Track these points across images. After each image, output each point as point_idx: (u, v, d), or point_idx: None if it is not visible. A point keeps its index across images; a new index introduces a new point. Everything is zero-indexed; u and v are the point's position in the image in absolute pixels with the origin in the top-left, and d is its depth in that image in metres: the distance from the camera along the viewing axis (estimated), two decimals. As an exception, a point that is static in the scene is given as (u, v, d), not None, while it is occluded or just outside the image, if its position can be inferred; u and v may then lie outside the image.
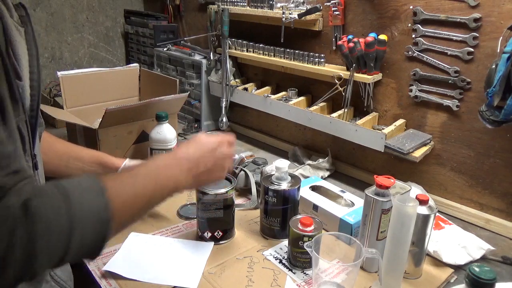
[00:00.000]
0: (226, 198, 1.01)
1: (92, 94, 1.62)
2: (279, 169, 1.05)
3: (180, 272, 0.93)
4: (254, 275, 0.95)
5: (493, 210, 1.18)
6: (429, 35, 1.19)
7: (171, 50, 2.01)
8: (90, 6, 2.29)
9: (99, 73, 1.65)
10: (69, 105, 1.56)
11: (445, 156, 1.25)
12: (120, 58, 2.50)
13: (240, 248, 1.04)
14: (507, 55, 0.97)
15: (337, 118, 1.38)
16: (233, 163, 1.36)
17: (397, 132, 1.29)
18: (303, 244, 0.92)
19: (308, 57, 1.46)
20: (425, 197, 0.91)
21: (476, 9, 1.08)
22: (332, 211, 1.10)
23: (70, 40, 2.26)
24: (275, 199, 1.04)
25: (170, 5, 2.20)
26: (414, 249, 0.93)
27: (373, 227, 0.93)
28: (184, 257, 0.99)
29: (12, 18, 0.67)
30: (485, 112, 1.04)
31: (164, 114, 1.31)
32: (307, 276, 0.95)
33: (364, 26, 1.34)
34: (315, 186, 1.23)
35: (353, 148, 1.47)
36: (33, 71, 0.68)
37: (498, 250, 1.06)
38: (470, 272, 0.68)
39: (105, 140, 1.29)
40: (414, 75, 1.24)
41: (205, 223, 1.04)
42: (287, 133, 1.72)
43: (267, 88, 1.70)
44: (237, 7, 1.66)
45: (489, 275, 0.68)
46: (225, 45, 1.70)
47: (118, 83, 1.70)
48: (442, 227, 1.09)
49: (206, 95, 1.85)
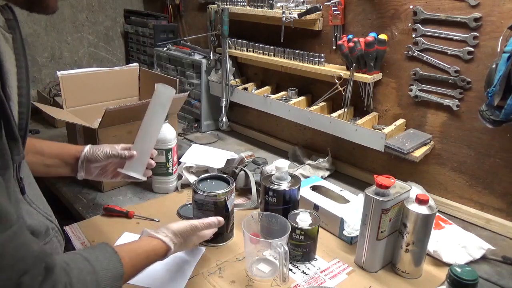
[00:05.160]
0: (216, 201, 1.00)
1: (92, 94, 1.62)
2: (279, 169, 1.05)
3: (167, 277, 0.93)
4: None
5: (493, 209, 1.18)
6: (429, 34, 1.18)
7: (171, 49, 2.01)
8: (89, 5, 2.28)
9: (99, 73, 1.64)
10: (69, 105, 1.56)
11: (445, 156, 1.25)
12: (120, 57, 2.49)
13: (240, 248, 1.04)
14: (507, 55, 0.97)
15: (337, 118, 1.38)
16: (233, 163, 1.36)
17: (397, 132, 1.29)
18: (296, 236, 0.96)
19: (308, 57, 1.46)
20: (425, 197, 0.91)
21: (476, 8, 1.08)
22: (333, 210, 1.10)
23: (69, 40, 2.25)
24: (275, 199, 1.04)
25: (170, 5, 2.20)
26: (414, 249, 0.93)
27: (373, 226, 0.93)
28: (173, 261, 0.97)
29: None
30: (485, 112, 1.04)
31: (164, 114, 1.30)
32: (307, 276, 0.95)
33: (364, 25, 1.34)
34: (315, 186, 1.23)
35: (353, 148, 1.47)
36: (21, 86, 0.62)
37: (498, 249, 1.06)
38: (451, 273, 0.68)
39: (105, 140, 1.28)
40: (414, 74, 1.24)
41: None
42: (287, 133, 1.72)
43: (267, 88, 1.70)
44: (237, 6, 1.66)
45: (471, 276, 0.68)
46: (225, 45, 1.70)
47: (118, 83, 1.70)
48: (442, 227, 1.09)
49: (206, 95, 1.85)
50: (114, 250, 0.71)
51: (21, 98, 0.62)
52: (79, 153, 0.96)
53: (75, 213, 1.24)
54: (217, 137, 1.82)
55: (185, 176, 1.31)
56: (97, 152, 0.96)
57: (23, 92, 0.62)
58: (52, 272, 0.55)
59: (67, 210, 1.29)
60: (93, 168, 0.98)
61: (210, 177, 1.08)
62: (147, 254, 0.79)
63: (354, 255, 1.01)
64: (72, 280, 0.58)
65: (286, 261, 0.86)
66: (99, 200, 1.27)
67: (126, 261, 0.72)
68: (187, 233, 0.88)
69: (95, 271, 0.64)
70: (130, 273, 0.74)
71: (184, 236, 0.87)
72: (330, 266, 0.99)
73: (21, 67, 0.62)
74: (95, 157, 0.96)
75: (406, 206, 0.92)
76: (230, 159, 1.37)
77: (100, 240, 1.05)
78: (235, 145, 1.76)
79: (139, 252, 0.78)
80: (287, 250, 0.86)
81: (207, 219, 0.93)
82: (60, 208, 1.21)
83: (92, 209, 1.22)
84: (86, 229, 1.10)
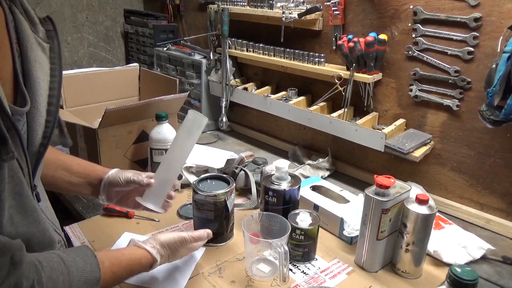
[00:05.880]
0: (216, 201, 1.00)
1: (92, 94, 1.62)
2: (279, 169, 1.05)
3: (167, 277, 0.92)
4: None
5: (493, 209, 1.18)
6: (429, 34, 1.18)
7: (171, 49, 2.01)
8: (89, 5, 2.28)
9: (98, 73, 1.65)
10: (69, 105, 1.56)
11: (445, 156, 1.25)
12: (120, 57, 2.49)
13: (240, 248, 1.04)
14: (507, 55, 0.97)
15: (337, 118, 1.38)
16: (233, 163, 1.36)
17: (397, 132, 1.29)
18: (296, 236, 0.96)
19: (308, 57, 1.46)
20: (425, 197, 0.91)
21: (476, 8, 1.08)
22: (333, 210, 1.10)
23: (69, 39, 2.25)
24: (275, 199, 1.04)
25: (170, 5, 2.20)
26: (414, 249, 0.93)
27: (373, 226, 0.93)
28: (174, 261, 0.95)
29: (37, 34, 0.63)
30: (485, 112, 1.04)
31: (164, 114, 1.31)
32: (307, 276, 0.95)
33: (364, 25, 1.34)
34: (315, 186, 1.22)
35: (353, 148, 1.47)
36: (52, 94, 0.63)
37: (498, 249, 1.06)
38: (451, 273, 0.68)
39: (105, 140, 1.29)
40: (414, 74, 1.24)
41: (198, 222, 1.03)
42: (287, 133, 1.72)
43: (267, 88, 1.70)
44: (237, 6, 1.66)
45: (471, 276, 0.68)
46: (225, 45, 1.70)
47: (118, 83, 1.70)
48: (442, 227, 1.09)
49: (206, 95, 1.85)
50: (93, 254, 0.69)
51: (50, 106, 0.63)
52: (104, 175, 0.92)
53: (75, 213, 1.24)
54: (217, 137, 1.82)
55: (185, 176, 1.31)
56: (120, 176, 0.91)
57: (53, 101, 0.63)
58: (18, 267, 0.54)
59: (67, 210, 1.29)
60: (115, 192, 0.94)
61: (210, 177, 1.08)
62: (130, 263, 0.78)
63: (354, 255, 1.01)
64: (42, 278, 0.57)
65: (286, 261, 0.86)
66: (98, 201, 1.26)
67: (106, 266, 0.70)
68: (176, 246, 0.86)
69: (69, 272, 0.63)
70: (109, 280, 0.71)
71: (172, 248, 0.85)
72: (330, 266, 0.99)
73: (55, 76, 0.64)
74: (116, 180, 0.91)
75: (406, 206, 0.91)
76: (230, 159, 1.37)
77: (100, 240, 1.05)
78: (235, 145, 1.76)
79: (121, 259, 0.76)
80: (287, 250, 0.86)
81: (196, 232, 0.91)
82: (60, 208, 1.21)
83: (92, 209, 1.22)
84: (86, 229, 1.10)
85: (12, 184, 0.56)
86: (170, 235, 0.87)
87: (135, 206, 0.95)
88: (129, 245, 0.84)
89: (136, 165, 1.39)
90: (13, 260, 0.53)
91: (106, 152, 1.30)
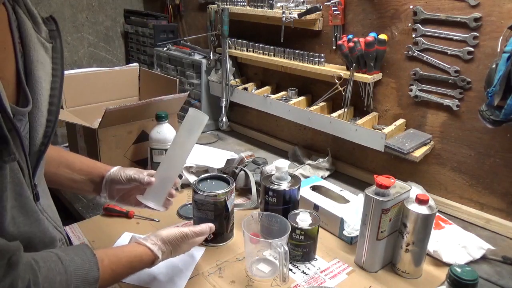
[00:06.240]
0: (216, 201, 1.00)
1: (92, 94, 1.62)
2: (279, 169, 1.05)
3: (167, 277, 0.92)
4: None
5: (493, 209, 1.18)
6: (429, 34, 1.18)
7: (171, 49, 2.01)
8: (89, 5, 2.28)
9: (98, 73, 1.64)
10: (69, 105, 1.56)
11: (445, 156, 1.25)
12: (120, 57, 2.49)
13: (240, 248, 1.04)
14: (507, 55, 0.97)
15: (337, 118, 1.38)
16: (233, 163, 1.36)
17: (397, 132, 1.29)
18: (296, 236, 0.96)
19: (308, 57, 1.46)
20: (425, 197, 0.91)
21: (476, 8, 1.08)
22: (333, 210, 1.10)
23: (69, 39, 2.25)
24: (275, 199, 1.04)
25: (170, 5, 2.20)
26: (414, 249, 0.93)
27: (373, 226, 0.93)
28: (173, 261, 0.96)
29: (40, 34, 0.63)
30: (485, 112, 1.04)
31: (164, 114, 1.31)
32: (307, 276, 0.95)
33: (364, 25, 1.34)
34: (315, 186, 1.22)
35: (353, 148, 1.47)
36: (54, 94, 0.63)
37: (498, 249, 1.06)
38: (451, 273, 0.68)
39: (105, 140, 1.29)
40: (414, 74, 1.24)
41: (198, 222, 1.03)
42: (287, 133, 1.72)
43: (267, 88, 1.70)
44: (237, 6, 1.66)
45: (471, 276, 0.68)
46: (225, 45, 1.70)
47: (118, 83, 1.70)
48: (442, 227, 1.09)
49: (206, 95, 1.85)
50: (92, 252, 0.69)
51: (51, 106, 0.63)
52: (105, 172, 0.93)
53: (75, 213, 1.24)
54: (217, 137, 1.82)
55: (185, 176, 1.31)
56: (121, 173, 0.91)
57: (54, 100, 0.63)
58: (14, 268, 0.54)
59: (67, 210, 1.29)
60: (116, 190, 0.94)
61: (210, 177, 1.08)
62: (131, 260, 0.77)
63: (354, 255, 1.01)
64: (38, 279, 0.57)
65: (286, 261, 0.86)
66: (99, 200, 1.26)
67: (105, 264, 0.70)
68: (177, 241, 0.85)
69: (66, 271, 0.62)
70: (108, 278, 0.71)
71: (173, 244, 0.85)
72: (330, 266, 0.99)
73: (57, 76, 0.64)
74: (118, 178, 0.91)
75: (406, 206, 0.91)
76: (230, 159, 1.37)
77: (100, 240, 1.05)
78: (235, 145, 1.76)
79: (121, 257, 0.76)
80: (287, 250, 0.86)
81: (198, 227, 0.90)
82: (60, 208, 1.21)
83: (92, 209, 1.22)
84: (86, 229, 1.10)
85: (12, 185, 0.57)
86: (172, 231, 0.86)
87: (137, 204, 0.95)
88: (130, 242, 0.84)
89: (136, 165, 1.38)
90: (10, 261, 0.53)
91: (106, 152, 1.30)
